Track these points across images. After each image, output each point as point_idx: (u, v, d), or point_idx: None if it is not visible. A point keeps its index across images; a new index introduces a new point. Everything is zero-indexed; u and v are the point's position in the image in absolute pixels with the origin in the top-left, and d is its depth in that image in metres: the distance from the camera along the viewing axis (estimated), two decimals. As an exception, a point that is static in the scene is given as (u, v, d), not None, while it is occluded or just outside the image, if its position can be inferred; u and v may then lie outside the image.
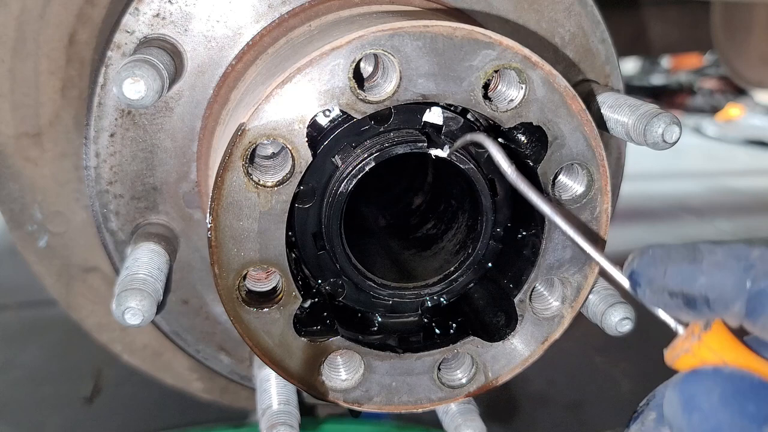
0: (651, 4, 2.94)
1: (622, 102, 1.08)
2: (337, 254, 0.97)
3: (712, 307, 0.74)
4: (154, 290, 0.91)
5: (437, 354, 1.03)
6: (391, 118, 0.96)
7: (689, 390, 0.71)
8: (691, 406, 0.70)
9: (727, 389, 0.69)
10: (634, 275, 0.81)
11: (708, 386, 0.70)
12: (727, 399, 0.68)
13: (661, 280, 0.78)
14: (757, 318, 0.72)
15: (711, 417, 0.68)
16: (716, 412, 0.68)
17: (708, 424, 0.68)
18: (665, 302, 0.78)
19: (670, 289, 0.78)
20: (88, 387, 2.13)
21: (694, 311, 0.76)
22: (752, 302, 0.72)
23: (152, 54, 0.95)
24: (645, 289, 0.80)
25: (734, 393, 0.69)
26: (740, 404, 0.68)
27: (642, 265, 0.81)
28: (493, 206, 0.99)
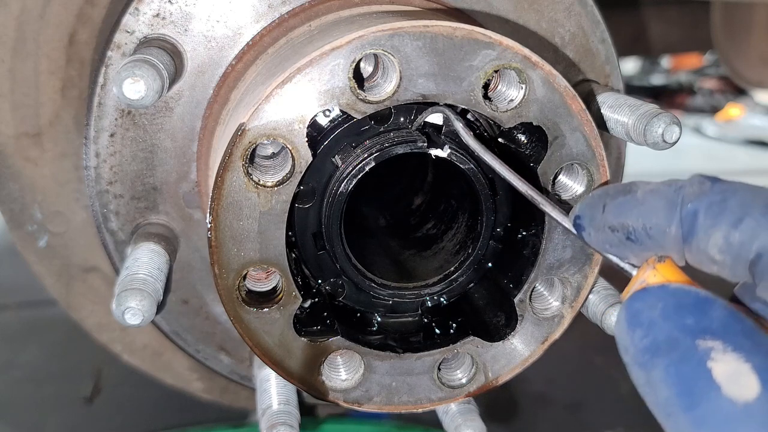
0: (651, 4, 2.94)
1: (622, 102, 1.08)
2: (337, 254, 0.97)
3: (651, 234, 0.74)
4: (154, 290, 0.91)
5: (437, 354, 1.03)
6: (391, 118, 0.96)
7: (634, 306, 0.70)
8: (635, 321, 0.69)
9: (669, 303, 0.68)
10: (578, 219, 0.82)
11: (652, 302, 0.69)
12: (668, 312, 0.67)
13: (601, 217, 0.79)
14: (691, 239, 0.71)
15: (651, 331, 0.67)
16: (656, 326, 0.67)
17: (647, 339, 0.67)
18: (609, 239, 0.78)
19: (610, 224, 0.78)
20: (88, 387, 2.13)
21: (636, 243, 0.76)
22: (685, 223, 0.71)
23: (152, 54, 0.95)
24: (589, 230, 0.81)
25: (675, 306, 0.67)
26: (680, 317, 0.66)
27: (583, 207, 0.82)
28: (493, 206, 0.99)
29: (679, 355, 0.64)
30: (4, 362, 2.29)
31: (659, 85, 6.83)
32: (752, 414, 0.59)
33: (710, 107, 6.63)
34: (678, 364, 0.64)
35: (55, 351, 2.31)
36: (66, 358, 2.26)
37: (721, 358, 0.61)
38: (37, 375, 2.21)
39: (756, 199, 0.68)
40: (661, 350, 0.65)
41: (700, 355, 0.62)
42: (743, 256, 0.67)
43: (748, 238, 0.67)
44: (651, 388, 0.66)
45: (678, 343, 0.64)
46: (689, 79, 6.78)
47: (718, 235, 0.68)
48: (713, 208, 0.69)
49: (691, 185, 0.72)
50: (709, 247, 0.69)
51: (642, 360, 0.67)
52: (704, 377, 0.61)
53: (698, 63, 6.79)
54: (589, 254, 1.02)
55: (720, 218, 0.69)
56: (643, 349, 0.67)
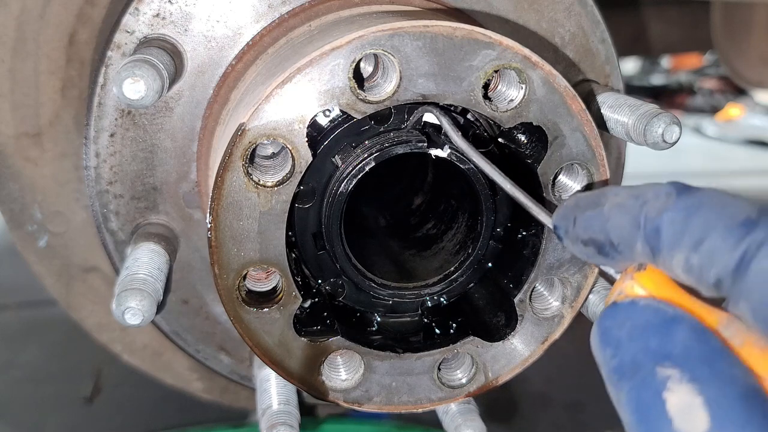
0: (651, 4, 2.94)
1: (622, 102, 1.08)
2: (337, 254, 0.97)
3: (619, 250, 0.73)
4: (154, 290, 0.91)
5: (437, 354, 1.03)
6: (391, 118, 0.96)
7: (604, 324, 0.70)
8: (605, 340, 0.68)
9: (636, 322, 0.67)
10: (557, 230, 0.82)
11: (621, 320, 0.68)
12: (634, 333, 0.66)
13: (572, 230, 0.78)
14: (657, 256, 0.69)
15: (618, 351, 0.66)
16: (623, 346, 0.66)
17: (615, 359, 0.66)
18: (583, 252, 0.78)
19: (582, 239, 0.77)
20: (88, 387, 2.13)
21: (607, 257, 0.75)
22: (648, 241, 0.69)
23: (152, 54, 0.95)
24: (566, 242, 0.81)
25: (642, 326, 0.66)
26: (644, 339, 0.65)
27: (558, 218, 0.82)
28: (493, 206, 0.99)
29: (639, 381, 0.64)
30: (4, 362, 2.29)
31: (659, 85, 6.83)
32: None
33: (710, 107, 6.63)
34: (638, 390, 0.63)
35: (55, 351, 2.31)
36: (66, 358, 2.26)
37: (676, 389, 0.61)
38: (37, 375, 2.21)
39: (719, 218, 0.65)
40: (627, 373, 0.65)
41: (657, 384, 0.62)
42: (705, 279, 0.65)
43: (706, 263, 0.64)
44: (619, 407, 0.66)
45: (640, 367, 0.64)
46: (689, 79, 6.78)
47: (679, 257, 0.66)
48: (674, 227, 0.67)
49: (656, 198, 0.70)
50: (673, 266, 0.67)
51: (612, 380, 0.67)
52: (658, 408, 0.61)
53: (698, 63, 6.78)
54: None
55: (680, 239, 0.66)
56: (612, 369, 0.67)
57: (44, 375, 2.21)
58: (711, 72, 6.75)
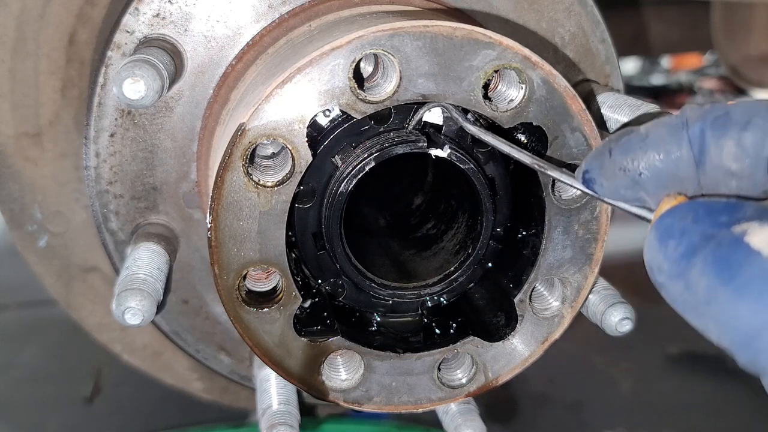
0: (651, 4, 2.94)
1: (622, 102, 1.08)
2: (337, 254, 0.97)
3: (663, 164, 0.71)
4: (154, 290, 0.91)
5: (437, 354, 1.03)
6: (391, 118, 0.96)
7: (664, 222, 0.68)
8: (667, 235, 0.67)
9: (699, 211, 0.66)
10: (587, 174, 0.81)
11: (682, 213, 0.67)
12: (700, 216, 0.65)
13: (609, 162, 0.77)
14: (704, 157, 0.68)
15: (684, 238, 0.64)
16: (689, 231, 0.65)
17: (682, 246, 0.64)
18: (621, 183, 0.76)
19: (620, 165, 0.75)
20: (88, 387, 2.13)
21: (649, 180, 0.73)
22: (694, 143, 0.69)
23: (152, 54, 0.95)
24: (600, 181, 0.79)
25: (707, 211, 0.65)
26: (712, 218, 0.64)
27: (590, 159, 0.81)
28: (493, 206, 0.99)
29: (715, 243, 0.61)
30: (4, 362, 2.28)
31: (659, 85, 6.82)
32: None
33: (710, 107, 6.62)
34: (715, 250, 0.61)
35: (55, 351, 2.31)
36: (66, 358, 2.26)
37: (758, 231, 0.59)
38: (37, 375, 2.21)
39: (759, 105, 0.67)
40: (698, 248, 0.62)
41: (736, 236, 0.60)
42: (760, 155, 0.65)
43: (760, 137, 0.65)
44: (690, 291, 0.62)
45: (714, 236, 0.62)
46: (689, 79, 6.77)
47: (730, 143, 0.66)
48: (718, 121, 0.67)
49: (691, 110, 0.71)
50: (723, 158, 0.67)
51: (678, 269, 0.64)
52: (742, 249, 0.59)
53: (698, 63, 6.78)
54: (589, 254, 1.02)
55: (727, 128, 0.67)
56: (678, 258, 0.64)
57: (44, 375, 2.20)
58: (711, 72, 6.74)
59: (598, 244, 1.01)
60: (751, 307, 0.57)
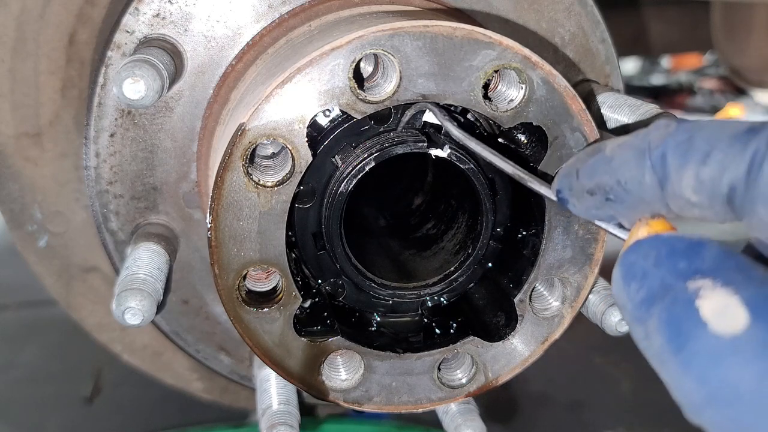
0: (651, 4, 2.94)
1: (622, 102, 1.08)
2: (337, 254, 0.97)
3: (627, 189, 0.71)
4: (154, 290, 0.91)
5: (437, 354, 1.03)
6: (391, 118, 0.96)
7: (628, 259, 0.68)
8: (630, 275, 0.66)
9: (661, 251, 0.65)
10: (559, 194, 0.80)
11: (645, 252, 0.66)
12: (661, 260, 0.64)
13: (576, 183, 0.77)
14: (666, 184, 0.67)
15: (645, 282, 0.64)
16: (649, 275, 0.64)
17: (642, 290, 0.64)
18: (591, 204, 0.76)
19: (587, 188, 0.75)
20: (88, 387, 2.13)
21: (616, 202, 0.73)
22: (656, 169, 0.68)
23: (152, 54, 0.95)
24: (572, 200, 0.79)
25: (668, 253, 0.64)
26: (672, 262, 0.63)
27: (560, 178, 0.80)
28: (493, 206, 0.99)
29: (670, 300, 0.61)
30: (4, 362, 2.28)
31: (659, 85, 6.82)
32: (740, 347, 0.55)
33: (710, 107, 6.62)
34: (669, 308, 0.60)
35: (55, 351, 2.31)
36: (66, 358, 2.26)
37: (709, 295, 0.58)
38: (37, 375, 2.21)
39: (722, 132, 0.65)
40: (656, 299, 0.62)
41: (689, 296, 0.59)
42: (717, 192, 0.64)
43: (717, 173, 0.63)
44: (648, 340, 0.62)
45: (670, 288, 0.61)
46: (689, 79, 6.77)
47: (688, 175, 0.65)
48: (680, 147, 0.66)
49: (657, 129, 0.70)
50: (683, 189, 0.66)
51: (638, 314, 0.64)
52: (692, 316, 0.58)
53: (698, 63, 6.78)
54: (589, 254, 1.02)
55: (687, 157, 0.65)
56: (639, 303, 0.64)
57: (44, 375, 2.20)
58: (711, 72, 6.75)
59: (598, 244, 1.01)
60: (695, 383, 0.57)
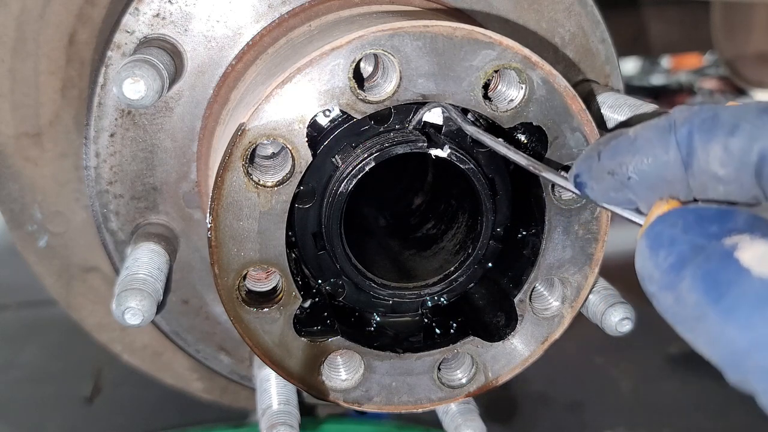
0: (651, 4, 2.94)
1: (622, 102, 1.08)
2: (337, 254, 0.97)
3: (650, 168, 0.70)
4: (154, 290, 0.91)
5: (437, 354, 1.03)
6: (391, 118, 0.96)
7: (654, 230, 0.67)
8: (657, 243, 0.65)
9: (690, 219, 0.64)
10: (577, 177, 0.79)
11: (672, 221, 0.66)
12: (690, 225, 0.63)
13: (597, 165, 0.76)
14: (691, 161, 0.67)
15: (674, 247, 0.63)
16: (679, 240, 0.63)
17: (672, 256, 0.63)
18: (610, 186, 0.75)
19: (608, 168, 0.74)
20: (88, 387, 2.13)
21: (638, 183, 0.72)
22: (681, 146, 0.67)
23: (152, 54, 0.95)
24: (590, 184, 0.78)
25: (697, 219, 0.64)
26: (702, 228, 0.62)
27: (579, 163, 0.80)
28: (493, 206, 0.99)
29: (705, 257, 0.60)
30: (4, 362, 2.28)
31: (659, 85, 6.82)
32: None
33: (710, 107, 6.62)
34: (704, 264, 0.60)
35: (55, 351, 2.31)
36: (66, 358, 2.26)
37: (748, 247, 0.58)
38: (37, 375, 2.21)
39: (747, 108, 0.65)
40: (687, 260, 0.61)
41: (726, 250, 0.59)
42: (747, 161, 0.63)
43: (747, 143, 0.63)
44: (680, 305, 0.61)
45: (703, 248, 0.61)
46: (689, 79, 6.77)
47: (716, 148, 0.65)
48: (706, 123, 0.66)
49: (680, 111, 0.69)
50: (710, 162, 0.65)
51: (668, 280, 0.63)
52: (732, 267, 0.57)
53: (698, 63, 6.78)
54: (589, 254, 1.02)
55: (715, 131, 0.65)
56: (668, 269, 0.63)
57: (44, 375, 2.20)
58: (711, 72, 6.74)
59: (598, 244, 1.01)
60: (740, 329, 0.56)
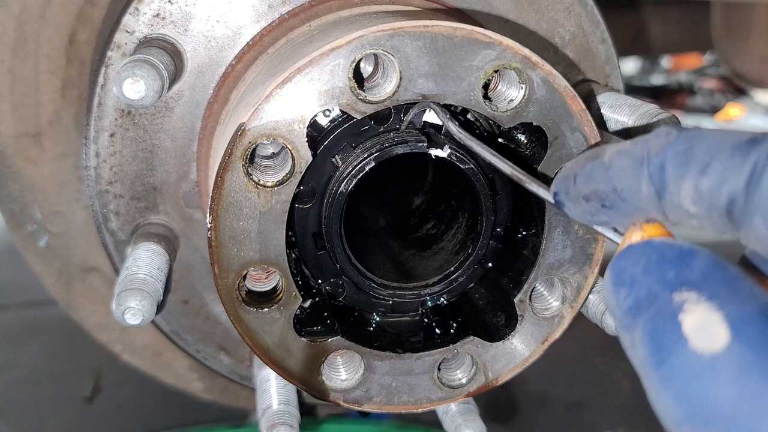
0: (651, 4, 2.94)
1: (622, 102, 1.08)
2: (337, 254, 0.97)
3: (623, 197, 0.70)
4: (154, 290, 0.91)
5: (437, 354, 1.03)
6: (391, 118, 0.96)
7: (618, 265, 0.67)
8: (619, 281, 0.65)
9: (651, 258, 0.64)
10: (556, 196, 0.80)
11: (635, 258, 0.65)
12: (650, 267, 0.63)
13: (573, 188, 0.76)
14: (664, 194, 0.66)
15: (633, 289, 0.63)
16: (638, 282, 0.63)
17: (630, 298, 0.63)
18: (586, 210, 0.75)
19: (583, 194, 0.74)
20: (88, 387, 2.13)
21: (612, 209, 0.72)
22: (654, 179, 0.67)
23: (152, 54, 0.95)
24: (568, 204, 0.78)
25: (658, 260, 0.63)
26: (661, 271, 0.62)
27: (557, 182, 0.79)
28: (493, 206, 0.99)
29: (655, 311, 0.60)
30: (4, 362, 2.28)
31: (659, 85, 6.82)
32: (718, 366, 0.54)
33: (710, 107, 6.62)
34: (653, 320, 0.60)
35: (55, 351, 2.31)
36: (66, 358, 2.26)
37: (693, 310, 0.57)
38: (37, 375, 2.21)
39: (723, 142, 0.63)
40: (642, 308, 0.62)
41: (673, 309, 0.58)
42: (716, 204, 0.62)
43: (716, 185, 0.62)
44: (634, 349, 0.62)
45: (656, 298, 0.61)
46: (689, 79, 6.78)
47: (687, 185, 0.64)
48: (679, 157, 0.65)
49: (657, 138, 0.68)
50: (681, 199, 0.65)
51: (626, 322, 0.63)
52: (674, 331, 0.57)
53: (698, 63, 6.78)
54: (589, 254, 1.02)
55: (687, 167, 0.64)
56: (626, 310, 0.63)
57: (44, 375, 2.20)
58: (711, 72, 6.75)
59: (598, 244, 1.01)
60: (674, 400, 0.57)
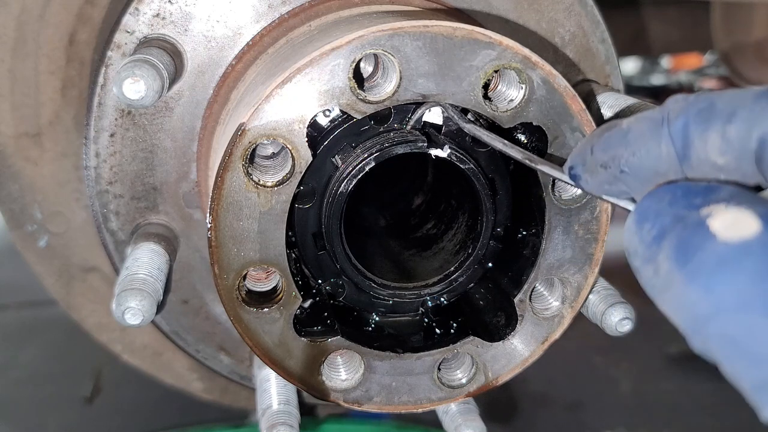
0: (651, 4, 2.94)
1: (622, 102, 1.08)
2: (337, 254, 0.97)
3: (643, 161, 0.69)
4: (154, 290, 0.91)
5: (437, 354, 1.03)
6: (391, 118, 0.96)
7: (643, 206, 0.66)
8: (643, 217, 0.65)
9: (677, 193, 0.64)
10: (572, 170, 0.80)
11: (660, 196, 0.65)
12: (677, 199, 0.63)
13: (591, 158, 0.76)
14: (689, 152, 0.66)
15: (658, 220, 0.63)
16: (663, 213, 0.63)
17: (655, 228, 0.62)
18: (604, 179, 0.75)
19: (601, 161, 0.74)
20: (88, 387, 2.13)
21: (631, 175, 0.71)
22: (676, 139, 0.67)
23: (152, 54, 0.95)
24: (585, 177, 0.78)
25: (685, 193, 0.63)
26: (688, 200, 0.62)
27: (574, 155, 0.80)
28: (493, 206, 0.99)
29: (681, 226, 0.60)
30: (4, 362, 2.29)
31: (659, 85, 6.82)
32: (749, 250, 0.54)
33: (710, 107, 6.62)
34: (679, 233, 0.59)
35: (55, 351, 2.31)
36: (66, 358, 2.26)
37: (720, 214, 0.57)
38: (37, 375, 2.21)
39: (743, 94, 0.64)
40: (667, 231, 0.61)
41: (701, 218, 0.58)
42: (746, 148, 0.62)
43: (745, 129, 0.62)
44: (656, 275, 0.61)
45: (683, 218, 0.60)
46: (689, 79, 6.77)
47: (714, 136, 0.64)
48: (702, 114, 0.65)
49: (675, 102, 0.69)
50: (708, 152, 0.64)
51: (649, 252, 0.62)
52: (701, 233, 0.57)
53: (698, 63, 6.78)
54: (589, 254, 1.02)
55: (711, 120, 0.64)
56: (650, 241, 0.62)
57: (44, 375, 2.21)
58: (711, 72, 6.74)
59: (598, 244, 1.01)
60: (700, 293, 0.56)
